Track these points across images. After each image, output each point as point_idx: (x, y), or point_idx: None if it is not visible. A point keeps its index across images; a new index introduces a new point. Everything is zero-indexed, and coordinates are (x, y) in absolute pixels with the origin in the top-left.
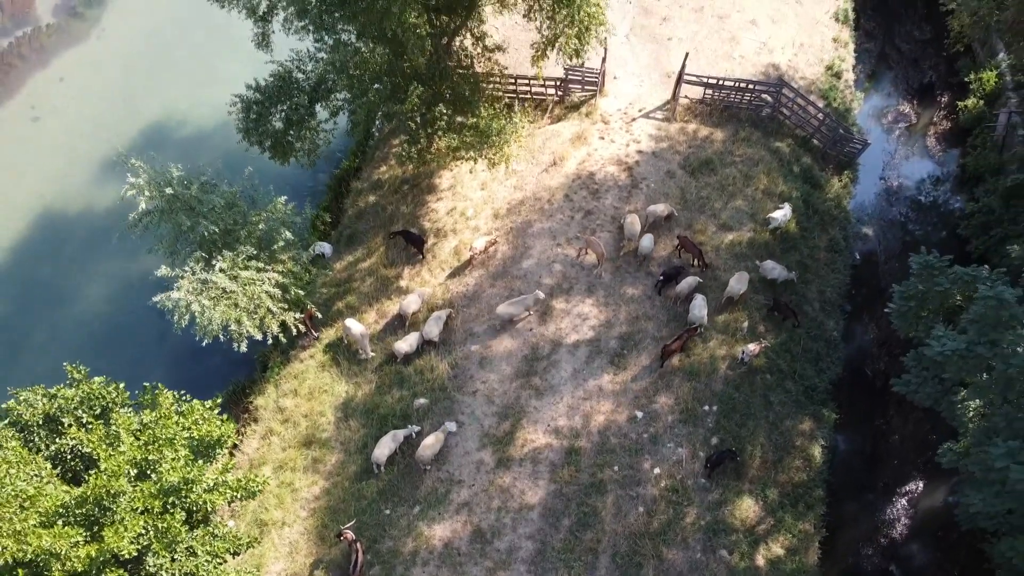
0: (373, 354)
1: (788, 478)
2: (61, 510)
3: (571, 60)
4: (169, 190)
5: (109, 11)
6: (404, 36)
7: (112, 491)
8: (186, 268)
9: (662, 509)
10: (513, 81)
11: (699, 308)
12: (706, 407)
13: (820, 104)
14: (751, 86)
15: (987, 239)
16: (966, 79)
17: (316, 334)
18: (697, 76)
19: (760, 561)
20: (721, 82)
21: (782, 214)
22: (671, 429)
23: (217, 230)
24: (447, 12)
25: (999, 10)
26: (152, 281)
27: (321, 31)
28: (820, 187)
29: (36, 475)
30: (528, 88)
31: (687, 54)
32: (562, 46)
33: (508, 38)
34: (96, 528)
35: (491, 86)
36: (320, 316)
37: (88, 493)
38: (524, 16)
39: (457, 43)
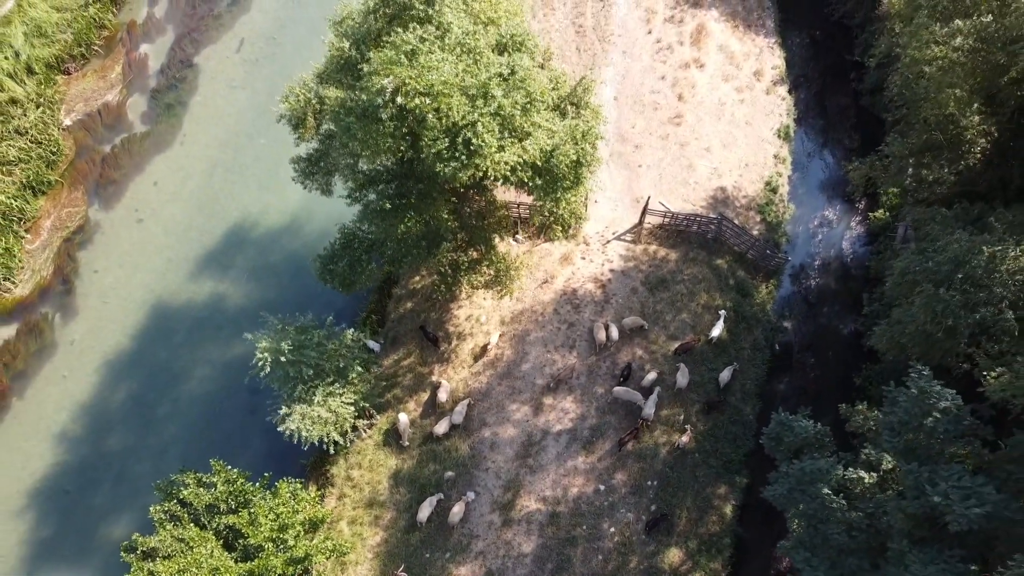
0: (409, 443)
1: (706, 530)
2: None
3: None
4: (283, 358)
5: (188, 119)
6: (438, 224)
7: (269, 567)
8: (294, 405)
9: (614, 558)
10: (516, 206)
11: (649, 407)
12: (649, 482)
13: (757, 218)
14: (699, 218)
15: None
16: (879, 191)
17: (375, 421)
18: (660, 204)
19: None
20: (676, 216)
21: (719, 329)
22: (624, 499)
23: (311, 371)
24: (465, 189)
25: (885, 171)
26: (248, 363)
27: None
28: (750, 295)
29: (211, 550)
30: (529, 212)
31: (648, 197)
32: (551, 232)
33: None
34: None
35: (498, 215)
36: (377, 416)
37: (255, 569)
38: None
39: (473, 203)
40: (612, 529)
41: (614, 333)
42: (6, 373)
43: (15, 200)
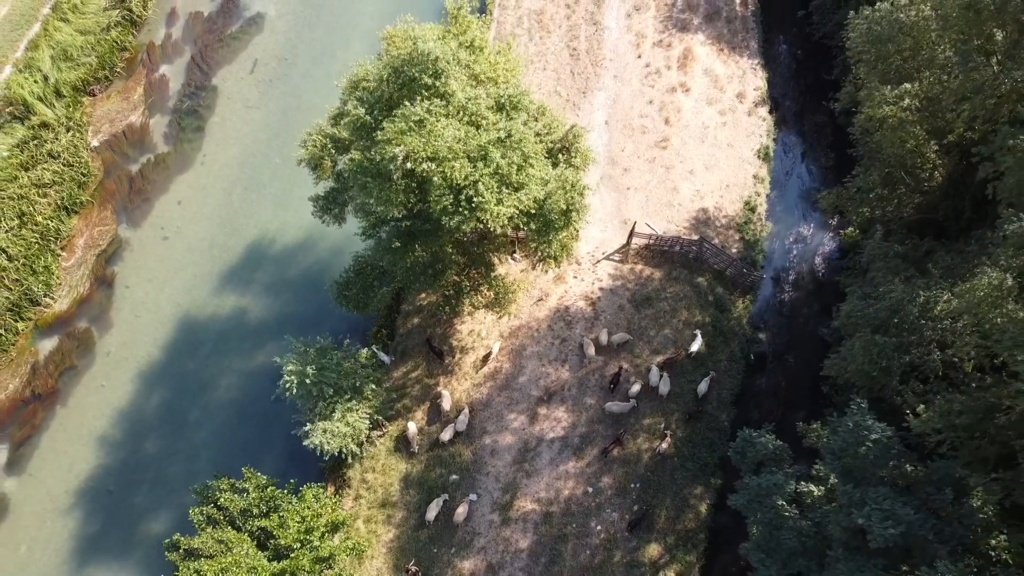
0: (418, 449)
1: (683, 527)
2: None
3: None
4: (308, 380)
5: (207, 139)
6: (442, 256)
7: (299, 566)
8: (317, 423)
9: (601, 552)
10: (514, 228)
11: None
12: (633, 484)
13: (736, 237)
14: (681, 240)
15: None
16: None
17: (386, 429)
18: (647, 226)
19: None
20: (660, 238)
21: (697, 344)
22: (610, 500)
23: (332, 390)
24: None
25: (851, 201)
26: (270, 373)
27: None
28: (728, 310)
29: (246, 550)
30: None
31: (635, 223)
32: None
33: None
34: None
35: (496, 241)
36: (388, 425)
37: (288, 567)
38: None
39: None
40: (599, 527)
41: (603, 338)
42: (52, 375)
43: (51, 221)
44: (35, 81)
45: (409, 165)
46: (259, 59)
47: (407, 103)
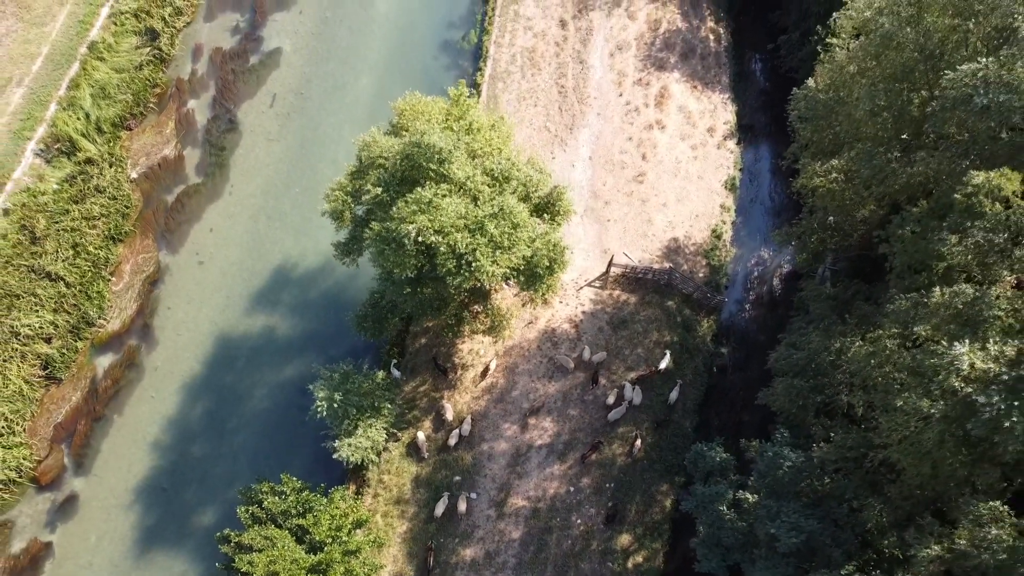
0: (427, 454)
1: (651, 519)
2: (309, 567)
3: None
4: (335, 404)
5: (234, 170)
6: (446, 294)
7: (332, 559)
8: (343, 439)
9: (580, 542)
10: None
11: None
12: (608, 484)
13: (703, 262)
14: (654, 269)
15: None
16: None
17: (399, 436)
18: (624, 255)
19: (630, 566)
20: (635, 268)
21: (666, 361)
22: (588, 498)
23: (355, 409)
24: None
25: (799, 239)
26: (298, 385)
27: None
28: (693, 330)
29: (288, 545)
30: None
31: (612, 255)
32: (532, 304)
33: None
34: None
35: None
36: (400, 434)
37: (324, 558)
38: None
39: None
40: (579, 520)
41: (585, 355)
42: (110, 389)
43: (100, 250)
44: (78, 118)
45: (420, 238)
46: (278, 94)
47: (419, 189)
